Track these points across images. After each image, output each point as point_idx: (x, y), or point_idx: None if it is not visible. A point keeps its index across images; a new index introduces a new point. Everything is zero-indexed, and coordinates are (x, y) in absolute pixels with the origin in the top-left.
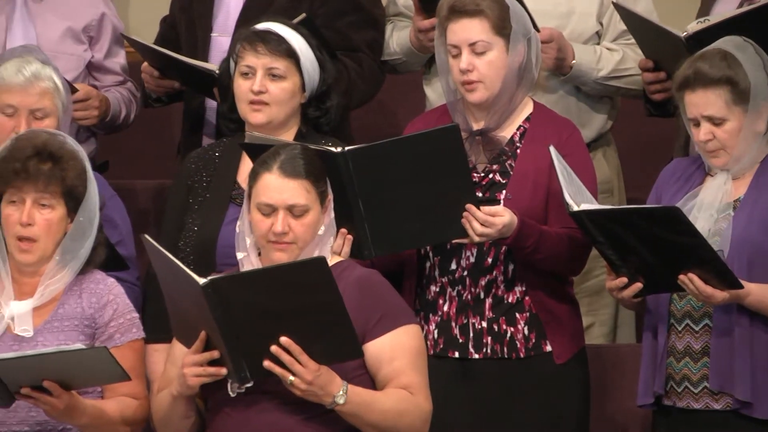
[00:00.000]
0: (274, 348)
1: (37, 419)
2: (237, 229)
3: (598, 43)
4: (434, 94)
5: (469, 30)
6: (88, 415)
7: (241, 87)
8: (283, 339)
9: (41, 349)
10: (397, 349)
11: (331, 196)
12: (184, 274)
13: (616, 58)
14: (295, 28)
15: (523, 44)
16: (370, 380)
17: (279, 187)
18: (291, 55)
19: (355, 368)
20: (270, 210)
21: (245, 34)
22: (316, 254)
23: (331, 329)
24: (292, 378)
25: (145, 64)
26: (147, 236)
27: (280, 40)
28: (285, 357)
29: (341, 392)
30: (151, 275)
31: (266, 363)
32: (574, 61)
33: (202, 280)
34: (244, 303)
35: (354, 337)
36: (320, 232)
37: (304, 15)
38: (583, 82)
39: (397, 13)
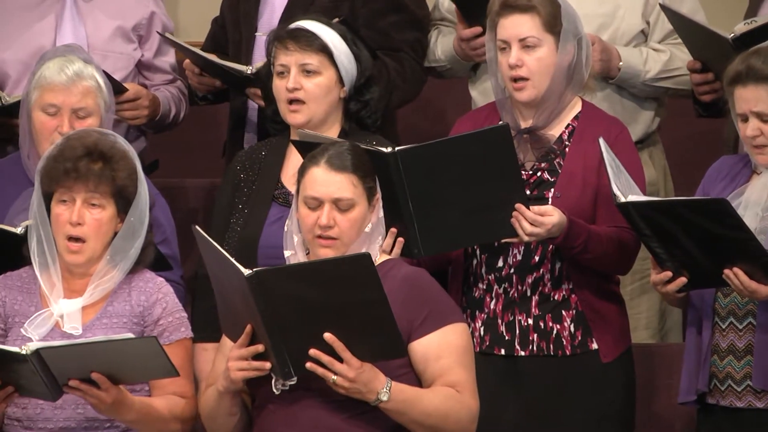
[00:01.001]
0: (312, 351)
1: (84, 415)
2: (285, 228)
3: (645, 42)
4: (480, 96)
5: (519, 25)
6: (135, 411)
7: (278, 87)
8: (327, 335)
9: (90, 338)
10: (444, 347)
11: (379, 195)
12: (231, 265)
13: (663, 59)
14: (327, 23)
15: (572, 44)
16: (415, 378)
17: (325, 180)
18: (323, 49)
19: (400, 366)
20: (316, 204)
21: (276, 33)
22: (363, 251)
23: (374, 327)
24: (334, 377)
25: (187, 61)
26: (197, 227)
27: (310, 35)
28: (325, 358)
29: (385, 389)
30: (199, 275)
31: (308, 365)
32: (621, 64)
33: (247, 271)
34: (288, 296)
35: (398, 336)
36: (367, 229)
37: (340, 17)
38: (632, 84)
39: (441, 18)
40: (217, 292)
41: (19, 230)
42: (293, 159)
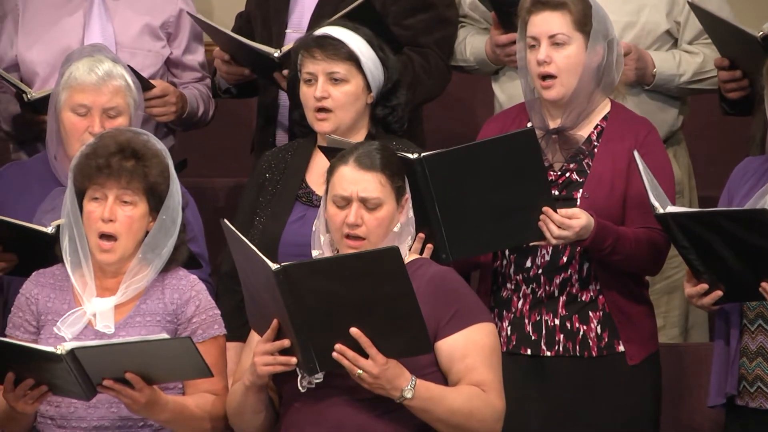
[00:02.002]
0: (338, 346)
1: (117, 414)
2: (313, 228)
3: (674, 41)
4: (503, 94)
5: (550, 22)
6: (169, 410)
7: (306, 94)
8: (353, 330)
9: (124, 338)
10: (470, 347)
11: (408, 195)
12: (259, 259)
13: (697, 61)
14: (354, 29)
15: (602, 45)
16: (441, 378)
17: (354, 179)
18: (350, 57)
19: (426, 365)
20: (344, 202)
21: (303, 41)
22: None
23: (401, 323)
24: (359, 371)
25: (217, 49)
26: (226, 221)
27: (337, 43)
28: (349, 353)
29: (409, 386)
30: (223, 273)
31: (334, 354)
32: (655, 70)
33: (274, 266)
34: (315, 291)
35: (424, 332)
36: (396, 229)
37: (361, 1)
38: (667, 89)
39: (464, 15)
40: (244, 287)
41: (49, 230)
42: (318, 160)
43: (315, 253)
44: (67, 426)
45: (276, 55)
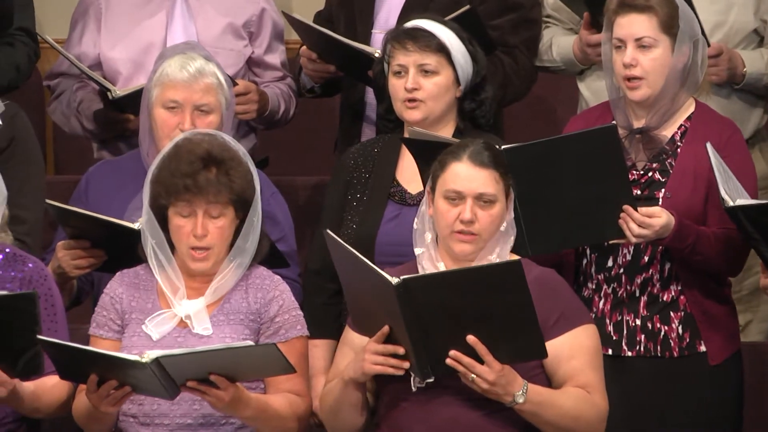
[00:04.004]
0: (453, 353)
1: (200, 412)
2: (415, 226)
3: (761, 39)
4: (588, 91)
5: (636, 25)
6: (252, 408)
7: (395, 86)
8: (471, 338)
9: (210, 345)
10: (576, 349)
11: (512, 194)
12: (375, 273)
13: None
14: (444, 23)
15: (688, 46)
16: (546, 379)
17: (469, 175)
18: (441, 49)
19: (532, 367)
20: (458, 197)
21: (394, 33)
22: (497, 251)
23: (518, 330)
24: (473, 376)
25: (304, 47)
26: (330, 232)
27: (428, 35)
28: (465, 360)
29: (521, 392)
30: (311, 271)
31: (449, 361)
32: (745, 70)
33: (394, 280)
34: (434, 302)
35: (540, 338)
36: (502, 228)
37: (467, 7)
38: (756, 87)
39: (547, 15)
40: (347, 291)
41: (136, 225)
42: (408, 157)
43: (418, 251)
44: (150, 424)
45: (377, 55)
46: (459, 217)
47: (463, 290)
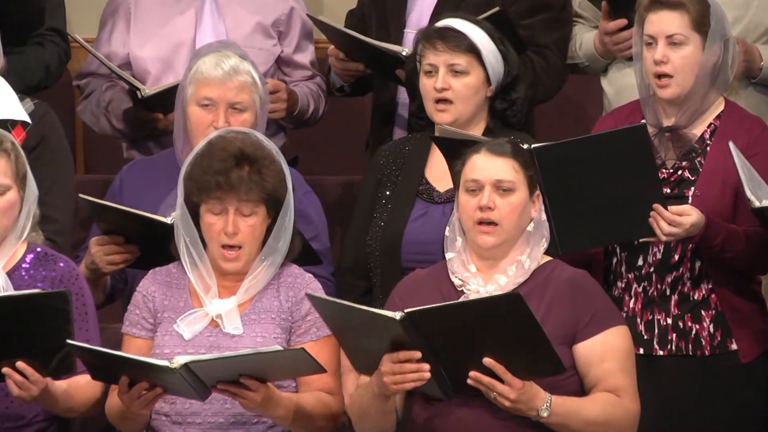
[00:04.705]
0: (473, 374)
1: (232, 411)
2: (447, 232)
3: None
4: (611, 87)
5: (668, 22)
6: (283, 407)
7: (426, 86)
8: (487, 360)
9: (238, 351)
10: (608, 351)
11: (539, 192)
12: (374, 315)
13: None
14: (475, 22)
15: (719, 45)
16: (578, 381)
17: (486, 164)
18: (472, 49)
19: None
20: (476, 186)
21: (425, 32)
22: (527, 251)
23: (530, 351)
24: (495, 393)
25: (332, 47)
26: (315, 294)
27: (459, 35)
28: (485, 380)
29: (545, 406)
30: (343, 268)
31: (469, 381)
32: (762, 63)
33: (397, 315)
34: (441, 330)
35: (554, 356)
36: (529, 228)
37: (497, 8)
38: None
39: (575, 13)
40: (342, 342)
41: (169, 220)
42: (438, 155)
43: (449, 256)
44: (183, 422)
45: (404, 54)
46: (478, 205)
47: (466, 319)
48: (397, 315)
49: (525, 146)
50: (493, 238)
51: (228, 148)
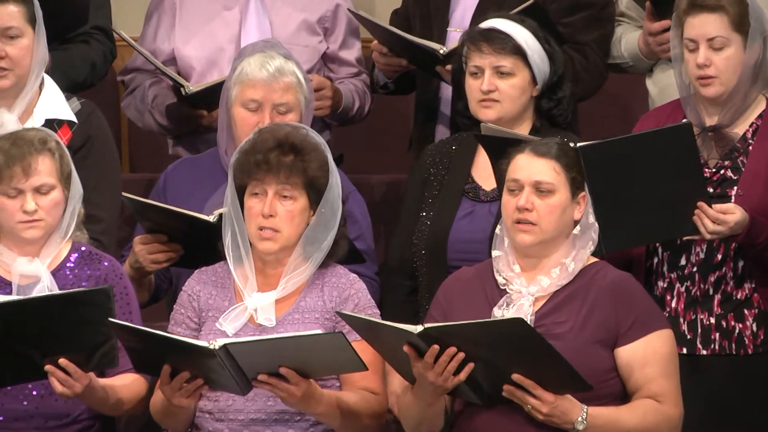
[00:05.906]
0: (506, 387)
1: (275, 408)
2: (497, 231)
3: None
4: (655, 87)
5: (707, 25)
6: (324, 404)
7: (471, 87)
8: (516, 376)
9: (277, 334)
10: (650, 355)
11: (585, 193)
12: (394, 329)
13: None
14: (521, 21)
15: (759, 43)
16: (621, 383)
17: (527, 164)
18: (517, 51)
19: (606, 371)
20: (517, 186)
21: (470, 34)
22: (572, 254)
23: (551, 370)
24: (529, 406)
25: (375, 42)
26: (341, 311)
27: (504, 37)
28: (518, 394)
29: (581, 419)
30: (388, 268)
31: (505, 393)
32: None
33: (416, 329)
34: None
35: (576, 375)
36: (576, 231)
37: (532, 1)
38: None
39: (621, 14)
40: (378, 348)
41: (211, 218)
42: (484, 154)
43: (495, 254)
44: (225, 419)
45: (441, 52)
46: (516, 205)
47: (481, 340)
48: (416, 329)
49: (571, 144)
50: (530, 237)
51: (275, 133)
